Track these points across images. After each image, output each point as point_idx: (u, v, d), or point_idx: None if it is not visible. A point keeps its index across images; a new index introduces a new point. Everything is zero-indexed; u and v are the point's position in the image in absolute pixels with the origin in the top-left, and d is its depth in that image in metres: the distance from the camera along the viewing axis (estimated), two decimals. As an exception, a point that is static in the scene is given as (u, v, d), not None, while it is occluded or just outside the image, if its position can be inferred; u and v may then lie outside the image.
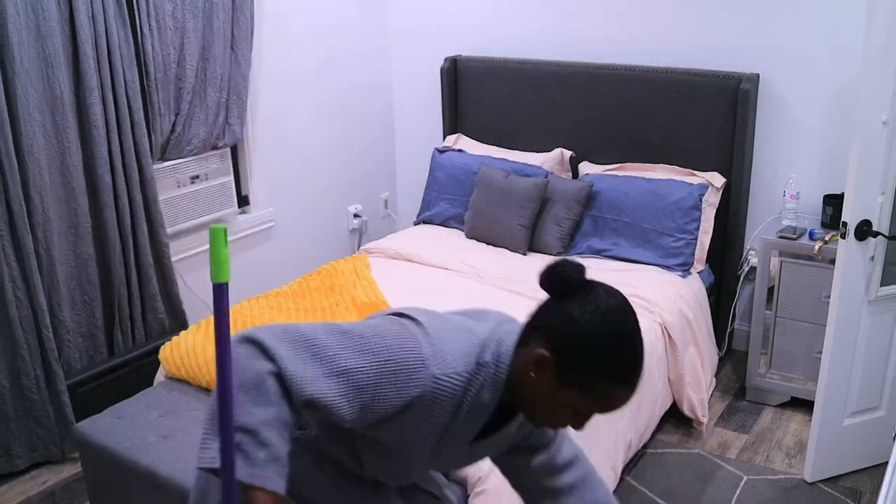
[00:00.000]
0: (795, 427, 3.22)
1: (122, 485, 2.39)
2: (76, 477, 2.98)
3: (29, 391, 2.93)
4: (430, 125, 4.47)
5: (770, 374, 3.36)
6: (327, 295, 3.13)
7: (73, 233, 3.05)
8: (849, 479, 2.88)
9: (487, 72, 4.02)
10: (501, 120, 4.05)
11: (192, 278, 3.61)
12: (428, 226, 3.96)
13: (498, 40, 4.11)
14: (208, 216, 3.61)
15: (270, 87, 3.85)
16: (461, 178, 3.88)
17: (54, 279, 2.98)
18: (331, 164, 4.30)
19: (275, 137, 3.94)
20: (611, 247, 3.47)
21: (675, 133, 3.57)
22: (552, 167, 3.78)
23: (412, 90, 4.52)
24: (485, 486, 2.09)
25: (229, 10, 3.42)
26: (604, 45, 3.80)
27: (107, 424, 2.47)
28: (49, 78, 2.86)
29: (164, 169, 3.38)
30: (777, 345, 3.32)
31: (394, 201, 4.80)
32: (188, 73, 3.30)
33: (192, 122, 3.39)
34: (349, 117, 4.35)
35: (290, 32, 3.89)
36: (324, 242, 4.35)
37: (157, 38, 3.16)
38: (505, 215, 3.58)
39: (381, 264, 3.49)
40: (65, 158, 2.96)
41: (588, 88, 3.74)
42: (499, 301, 3.07)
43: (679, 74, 3.50)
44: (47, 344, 2.93)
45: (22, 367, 2.90)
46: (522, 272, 3.30)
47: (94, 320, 3.18)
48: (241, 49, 3.50)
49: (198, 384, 2.66)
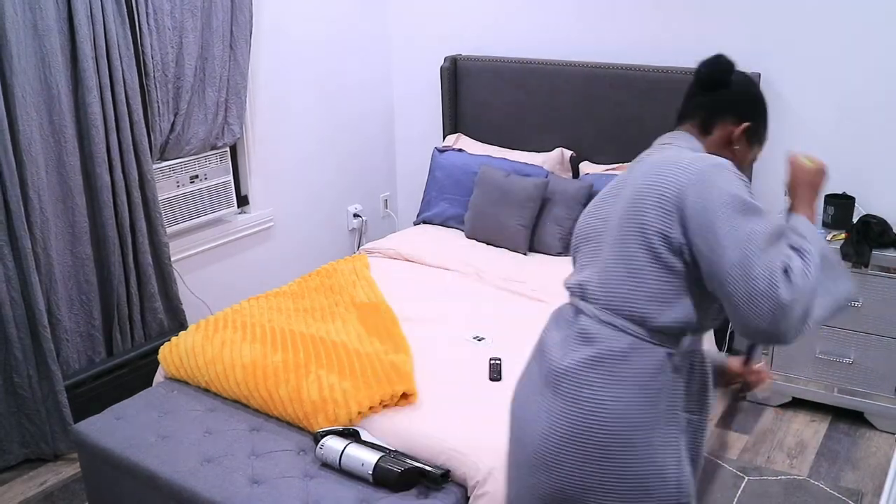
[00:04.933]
0: (797, 427, 3.22)
1: (120, 485, 2.38)
2: (75, 477, 2.97)
3: (21, 389, 2.92)
4: (430, 125, 4.46)
5: (771, 375, 3.35)
6: (327, 295, 3.12)
7: (71, 232, 3.05)
8: (850, 479, 2.87)
9: (487, 72, 4.01)
10: (501, 120, 4.04)
11: (191, 278, 3.61)
12: (428, 226, 3.95)
13: (498, 40, 4.10)
14: (208, 216, 3.60)
15: (270, 86, 3.84)
16: (461, 177, 3.87)
17: (52, 279, 2.97)
18: (330, 164, 4.29)
19: (274, 137, 3.93)
20: (611, 247, 3.46)
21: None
22: (552, 167, 3.78)
23: (412, 90, 4.51)
24: (485, 489, 2.08)
25: (228, 10, 3.41)
26: (604, 44, 3.79)
27: (106, 425, 2.46)
28: (47, 77, 2.85)
29: (164, 169, 3.37)
30: (778, 345, 3.31)
31: (394, 201, 4.79)
32: (187, 73, 3.29)
33: (191, 121, 3.38)
34: (349, 117, 4.34)
35: (290, 32, 3.88)
36: (323, 242, 4.35)
37: (155, 38, 3.15)
38: (505, 215, 3.57)
39: (381, 264, 3.48)
40: (63, 158, 2.96)
41: (588, 88, 3.73)
42: (499, 301, 3.07)
43: (680, 74, 3.49)
44: (44, 344, 2.92)
45: (14, 365, 2.89)
46: (522, 272, 3.29)
47: (93, 320, 3.17)
48: (240, 48, 3.49)
49: (197, 384, 2.66)
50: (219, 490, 2.13)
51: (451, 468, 2.13)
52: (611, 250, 1.54)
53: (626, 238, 1.51)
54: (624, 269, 1.51)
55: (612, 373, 1.49)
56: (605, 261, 1.55)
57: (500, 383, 2.47)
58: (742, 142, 1.62)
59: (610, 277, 1.53)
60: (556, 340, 1.60)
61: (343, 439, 2.20)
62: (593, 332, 1.53)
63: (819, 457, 3.02)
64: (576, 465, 1.49)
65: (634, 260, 1.49)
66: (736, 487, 2.83)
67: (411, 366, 2.52)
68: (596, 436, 1.47)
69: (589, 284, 1.57)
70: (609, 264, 1.54)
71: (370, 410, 2.33)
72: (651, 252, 1.47)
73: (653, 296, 1.48)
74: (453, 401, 2.37)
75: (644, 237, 1.48)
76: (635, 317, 1.49)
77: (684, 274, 1.47)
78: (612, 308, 1.52)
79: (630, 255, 1.50)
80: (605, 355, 1.50)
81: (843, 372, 3.19)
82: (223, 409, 2.52)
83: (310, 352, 2.58)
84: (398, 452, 2.18)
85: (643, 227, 1.48)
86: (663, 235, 1.46)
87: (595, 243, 1.60)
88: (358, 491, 2.10)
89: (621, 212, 1.54)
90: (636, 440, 1.47)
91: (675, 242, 1.46)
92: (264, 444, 2.32)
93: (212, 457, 2.27)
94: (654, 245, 1.47)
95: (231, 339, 2.68)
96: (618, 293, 1.51)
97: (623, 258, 1.51)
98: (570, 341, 1.57)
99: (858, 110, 3.30)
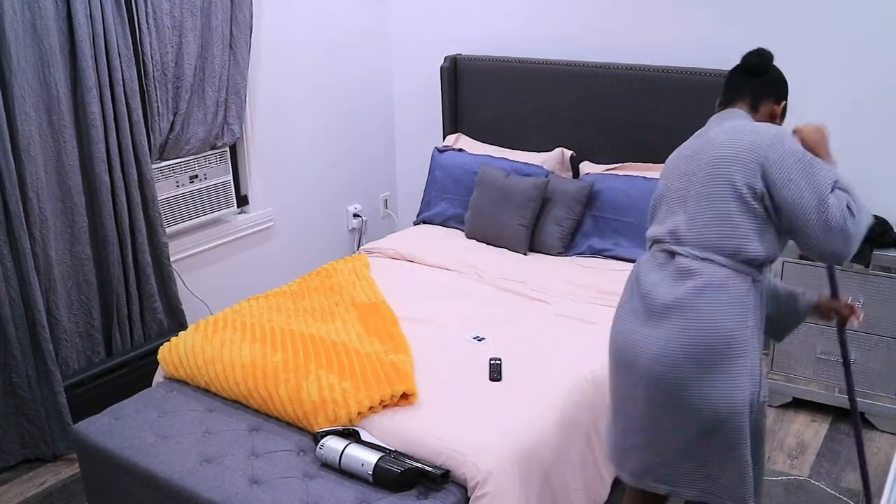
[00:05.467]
0: (797, 428, 3.21)
1: (120, 486, 2.37)
2: (74, 478, 2.96)
3: (20, 389, 2.92)
4: (430, 125, 4.46)
5: (772, 375, 3.35)
6: (327, 295, 3.12)
7: (70, 232, 3.04)
8: (851, 480, 2.87)
9: (487, 71, 4.01)
10: (501, 119, 4.04)
11: (190, 278, 3.60)
12: (428, 226, 3.95)
13: (498, 40, 4.10)
14: (207, 216, 3.60)
15: (269, 86, 3.84)
16: (461, 177, 3.87)
17: (51, 279, 2.96)
18: (330, 164, 4.29)
19: (274, 137, 3.92)
20: (612, 247, 3.45)
21: (676, 132, 3.55)
22: (552, 167, 3.77)
23: (412, 89, 4.50)
24: (485, 490, 2.07)
25: (228, 9, 3.40)
26: (604, 44, 3.79)
27: (105, 425, 2.46)
28: (46, 77, 2.84)
29: (163, 168, 3.36)
30: (779, 345, 3.31)
31: (394, 201, 4.78)
32: (186, 73, 3.28)
33: (190, 121, 3.38)
34: (349, 116, 4.34)
35: (289, 31, 3.88)
36: (323, 242, 4.34)
37: (155, 37, 3.14)
38: (505, 215, 3.56)
39: (381, 264, 3.47)
40: (62, 157, 2.95)
41: (588, 88, 3.73)
42: (499, 301, 3.06)
43: (680, 73, 3.48)
44: (43, 344, 2.91)
45: (13, 365, 2.89)
46: (522, 272, 3.29)
47: (92, 320, 3.16)
48: (239, 48, 3.49)
49: (196, 385, 2.65)
50: (218, 490, 2.13)
51: (450, 468, 2.13)
52: (697, 201, 1.94)
53: (714, 190, 1.91)
54: (714, 214, 1.90)
55: (714, 298, 1.87)
56: (693, 210, 1.94)
57: (500, 383, 2.46)
58: (780, 117, 2.08)
59: (705, 225, 1.92)
60: (655, 280, 1.96)
61: (343, 439, 2.20)
62: (694, 268, 1.90)
63: (820, 457, 3.02)
64: (700, 375, 1.87)
65: (725, 207, 1.89)
66: (736, 488, 2.82)
67: (411, 366, 2.52)
68: (713, 350, 1.85)
69: (679, 231, 1.96)
70: (698, 212, 1.93)
71: (370, 410, 2.32)
72: (739, 200, 1.87)
73: (742, 234, 1.88)
74: (453, 401, 2.36)
75: (733, 188, 1.88)
76: (728, 251, 1.89)
77: (764, 216, 1.88)
78: (706, 247, 1.91)
79: (720, 204, 1.90)
80: (706, 285, 1.88)
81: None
82: (223, 409, 2.52)
83: (310, 352, 2.58)
84: (398, 452, 2.17)
85: (731, 180, 1.89)
86: (748, 186, 1.87)
87: (678, 197, 2.00)
88: (358, 491, 2.09)
89: (706, 169, 1.94)
90: (738, 348, 1.86)
91: (757, 191, 1.87)
92: (264, 445, 2.31)
93: (211, 457, 2.27)
94: (742, 194, 1.87)
95: (231, 339, 2.67)
96: (711, 234, 1.90)
97: (712, 206, 1.91)
98: (668, 279, 1.94)
99: (859, 110, 3.29)
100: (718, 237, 1.90)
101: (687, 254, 1.92)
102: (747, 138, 1.91)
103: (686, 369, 1.88)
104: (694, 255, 1.91)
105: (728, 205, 1.89)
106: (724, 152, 1.91)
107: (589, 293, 3.07)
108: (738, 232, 1.88)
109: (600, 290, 3.06)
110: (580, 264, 3.36)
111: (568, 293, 3.09)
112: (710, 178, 1.92)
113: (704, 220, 1.92)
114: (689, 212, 1.95)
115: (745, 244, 1.87)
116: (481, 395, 2.39)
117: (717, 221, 1.90)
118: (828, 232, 1.82)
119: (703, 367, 1.87)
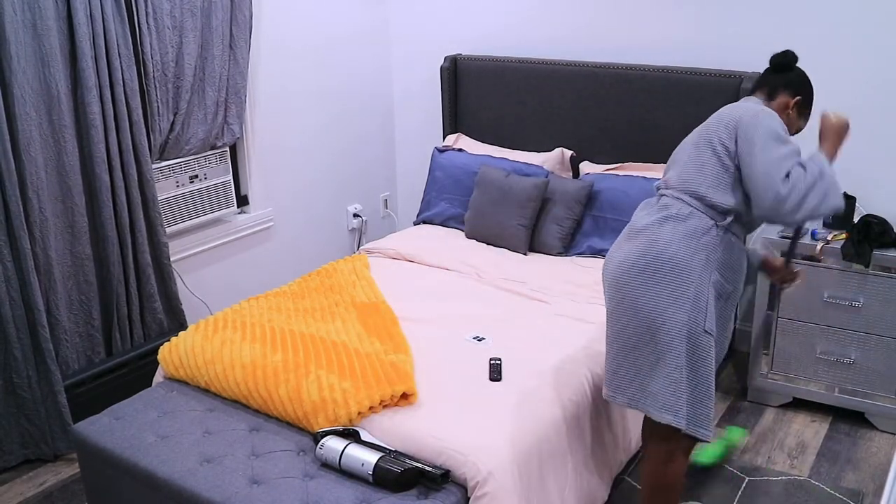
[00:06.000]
0: (797, 428, 3.21)
1: (120, 486, 2.37)
2: (74, 478, 2.96)
3: (21, 389, 2.92)
4: (430, 125, 4.46)
5: (772, 375, 3.35)
6: (327, 295, 3.12)
7: (70, 232, 3.04)
8: (851, 479, 2.87)
9: (487, 71, 4.01)
10: (501, 119, 4.04)
11: (190, 278, 3.60)
12: (428, 226, 3.95)
13: (498, 40, 4.10)
14: (207, 216, 3.60)
15: (269, 86, 3.84)
16: (461, 177, 3.87)
17: (51, 279, 2.96)
18: (330, 164, 4.29)
19: (274, 137, 3.92)
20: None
21: (676, 132, 3.55)
22: (552, 167, 3.77)
23: (412, 89, 4.50)
24: (485, 490, 2.07)
25: (228, 10, 3.40)
26: (604, 44, 3.79)
27: (105, 425, 2.46)
28: (46, 77, 2.84)
29: (163, 168, 3.36)
30: (779, 345, 3.30)
31: (394, 201, 4.78)
32: (186, 73, 3.28)
33: (190, 121, 3.38)
34: (349, 116, 4.34)
35: (289, 32, 3.88)
36: (323, 242, 4.34)
37: (155, 37, 3.15)
38: (505, 215, 3.56)
39: (381, 264, 3.47)
40: (62, 158, 2.95)
41: (588, 88, 3.73)
42: (499, 301, 3.06)
43: (680, 73, 3.49)
44: (43, 344, 2.91)
45: (13, 365, 2.89)
46: (522, 272, 3.29)
47: (92, 320, 3.16)
48: (239, 48, 3.49)
49: (196, 385, 2.65)
50: (218, 490, 2.13)
51: (450, 468, 2.13)
52: (688, 156, 2.27)
53: (699, 146, 2.24)
54: (694, 165, 2.23)
55: (674, 227, 2.19)
56: (684, 162, 2.27)
57: (500, 383, 2.46)
58: (794, 110, 2.31)
59: (685, 171, 2.25)
60: (641, 215, 2.30)
61: (343, 439, 2.20)
62: (668, 204, 2.24)
63: (820, 457, 3.02)
64: (643, 284, 2.18)
65: (702, 159, 2.22)
66: (736, 488, 2.82)
67: (411, 366, 2.52)
68: (658, 264, 2.16)
69: (670, 179, 2.29)
70: (686, 163, 2.26)
71: (370, 410, 2.32)
72: (714, 155, 2.20)
73: (710, 183, 2.19)
74: (453, 401, 2.36)
75: (711, 144, 2.21)
76: (697, 195, 2.20)
77: (734, 174, 2.18)
78: (682, 189, 2.23)
79: (700, 156, 2.23)
80: (671, 216, 2.21)
81: (844, 372, 3.18)
82: (223, 409, 2.52)
83: (310, 352, 2.58)
84: (398, 452, 2.17)
85: (711, 139, 2.21)
86: (723, 144, 2.18)
87: (679, 155, 2.33)
88: (358, 491, 2.09)
89: (699, 132, 2.27)
90: (682, 272, 2.15)
91: (730, 150, 2.17)
92: (264, 445, 2.31)
93: (211, 457, 2.27)
94: (717, 150, 2.19)
95: (231, 339, 2.67)
96: (688, 180, 2.23)
97: (695, 158, 2.24)
98: (650, 212, 2.28)
99: (859, 111, 3.29)
100: (691, 183, 2.22)
101: (669, 195, 2.27)
102: (738, 111, 2.21)
103: (633, 278, 2.19)
104: (672, 195, 2.25)
105: (705, 157, 2.21)
106: (716, 118, 2.25)
107: (589, 293, 3.07)
108: (707, 180, 2.19)
109: (600, 291, 3.06)
110: (580, 264, 3.37)
111: (568, 293, 3.09)
112: (700, 138, 2.26)
113: (686, 168, 2.25)
114: (681, 165, 2.28)
115: (712, 191, 2.18)
116: (481, 395, 2.39)
117: (694, 169, 2.23)
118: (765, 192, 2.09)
119: (646, 280, 2.17)
